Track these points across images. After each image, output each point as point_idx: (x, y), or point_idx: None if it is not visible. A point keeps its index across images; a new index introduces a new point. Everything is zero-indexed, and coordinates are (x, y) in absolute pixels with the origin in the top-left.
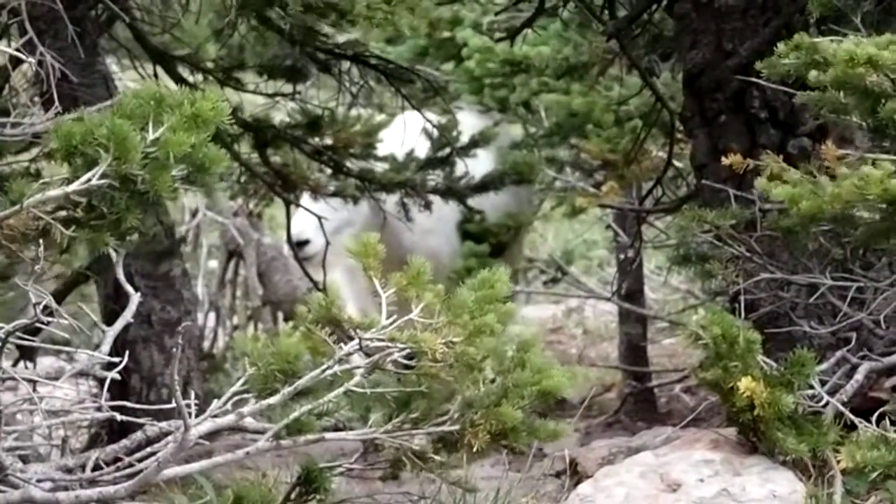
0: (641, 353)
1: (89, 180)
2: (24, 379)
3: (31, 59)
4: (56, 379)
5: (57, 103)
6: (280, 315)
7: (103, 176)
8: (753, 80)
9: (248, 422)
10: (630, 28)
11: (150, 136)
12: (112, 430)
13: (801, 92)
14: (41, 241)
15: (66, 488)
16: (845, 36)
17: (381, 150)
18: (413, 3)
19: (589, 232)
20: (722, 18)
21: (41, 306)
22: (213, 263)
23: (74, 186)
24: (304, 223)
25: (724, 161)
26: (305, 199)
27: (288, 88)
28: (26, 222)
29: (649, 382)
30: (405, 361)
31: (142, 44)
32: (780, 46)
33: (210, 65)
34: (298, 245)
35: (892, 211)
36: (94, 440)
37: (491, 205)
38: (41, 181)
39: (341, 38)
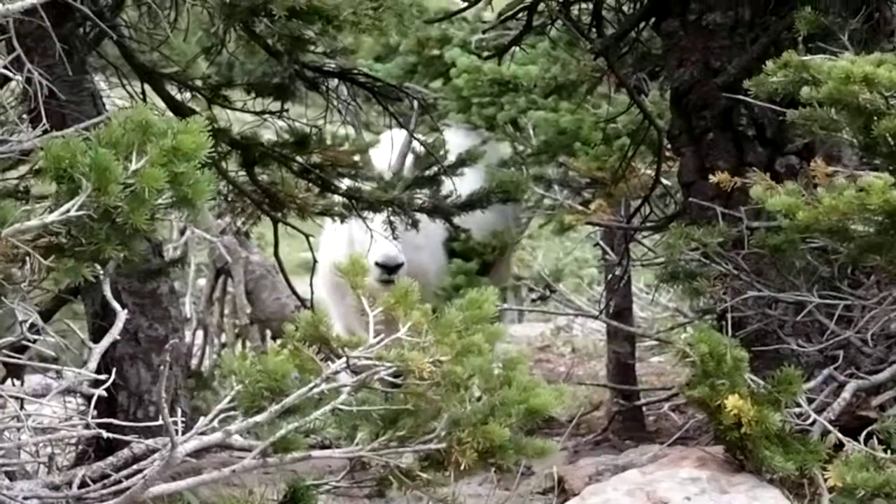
0: (630, 372)
1: (68, 211)
2: (10, 396)
3: (18, 77)
4: (43, 396)
5: (45, 121)
6: (268, 333)
7: (82, 207)
8: (741, 97)
9: (236, 439)
10: (617, 46)
11: (133, 166)
12: (99, 448)
13: (791, 110)
14: (24, 265)
15: None
16: (834, 54)
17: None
18: (401, 8)
19: (580, 250)
20: (709, 36)
21: (27, 324)
22: (202, 282)
23: (53, 217)
24: (393, 247)
25: (712, 179)
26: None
27: (276, 106)
28: (5, 250)
29: (638, 401)
30: (392, 380)
31: (130, 61)
32: (769, 64)
33: (198, 83)
34: (391, 269)
35: (889, 224)
36: (82, 457)
37: (476, 223)
38: (23, 207)
39: (330, 49)
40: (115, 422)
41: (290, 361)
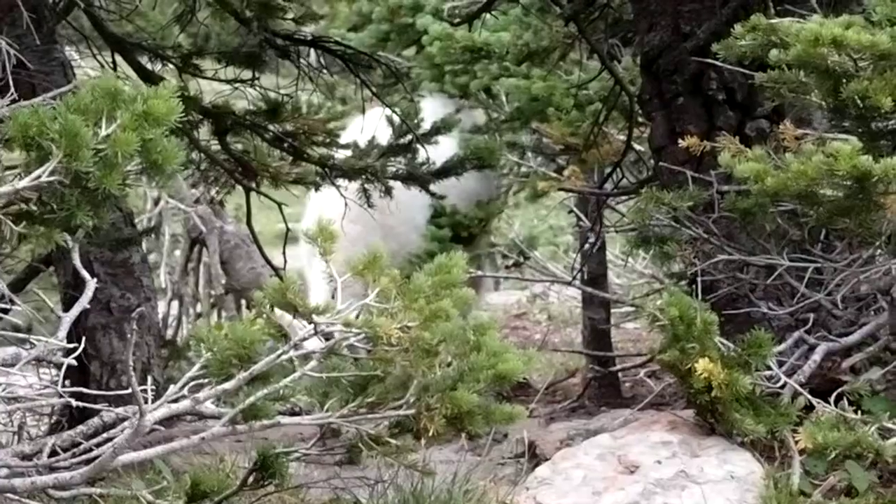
0: (605, 338)
1: (39, 177)
2: None
3: None
4: (12, 366)
5: (13, 90)
6: (244, 302)
7: (53, 172)
8: (711, 61)
9: (206, 407)
10: (588, 11)
11: (103, 132)
12: (73, 418)
13: (760, 73)
14: None
15: (22, 475)
16: (802, 17)
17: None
18: None
19: (555, 218)
20: (679, 0)
21: None
22: (177, 253)
23: (24, 183)
24: None
25: (682, 143)
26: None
27: (247, 75)
28: None
29: (613, 367)
30: (362, 346)
31: (99, 31)
32: (738, 27)
33: (169, 52)
34: None
35: (858, 188)
36: (55, 427)
37: (457, 192)
38: None
39: (300, 15)
40: (87, 391)
41: (263, 329)
